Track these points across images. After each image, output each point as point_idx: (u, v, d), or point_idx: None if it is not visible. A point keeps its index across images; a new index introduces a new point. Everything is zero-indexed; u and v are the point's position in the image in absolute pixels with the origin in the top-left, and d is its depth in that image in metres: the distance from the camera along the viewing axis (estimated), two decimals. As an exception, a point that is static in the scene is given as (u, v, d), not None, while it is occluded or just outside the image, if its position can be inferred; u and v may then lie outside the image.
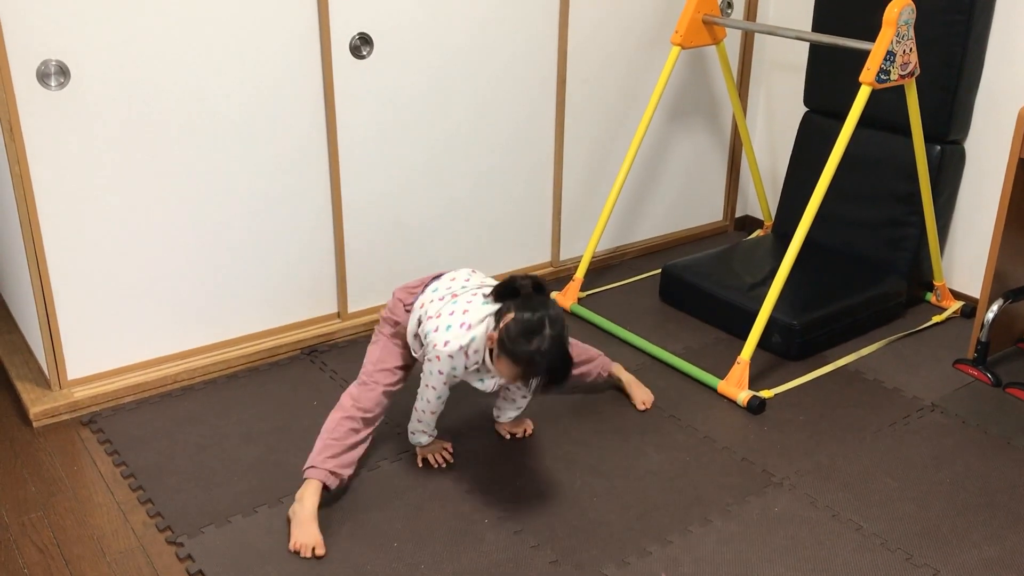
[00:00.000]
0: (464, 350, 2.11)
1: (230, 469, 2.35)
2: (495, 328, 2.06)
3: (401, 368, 2.34)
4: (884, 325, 3.09)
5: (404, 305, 2.31)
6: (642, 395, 2.66)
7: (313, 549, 2.05)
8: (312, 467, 2.17)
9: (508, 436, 2.49)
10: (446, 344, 2.11)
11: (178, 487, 2.29)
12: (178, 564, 2.05)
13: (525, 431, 2.50)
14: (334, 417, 2.26)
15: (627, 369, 2.73)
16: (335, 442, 2.21)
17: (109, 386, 2.62)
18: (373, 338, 2.39)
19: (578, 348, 2.58)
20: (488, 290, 2.19)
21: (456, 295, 2.20)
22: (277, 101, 2.66)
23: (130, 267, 2.59)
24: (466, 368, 2.16)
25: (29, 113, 2.32)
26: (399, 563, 2.04)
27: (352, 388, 2.32)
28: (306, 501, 2.12)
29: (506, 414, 2.47)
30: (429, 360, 2.17)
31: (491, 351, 2.09)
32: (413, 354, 2.32)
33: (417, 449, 2.38)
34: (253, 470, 2.35)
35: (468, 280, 2.28)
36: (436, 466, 2.35)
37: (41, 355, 2.61)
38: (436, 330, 2.14)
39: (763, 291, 2.81)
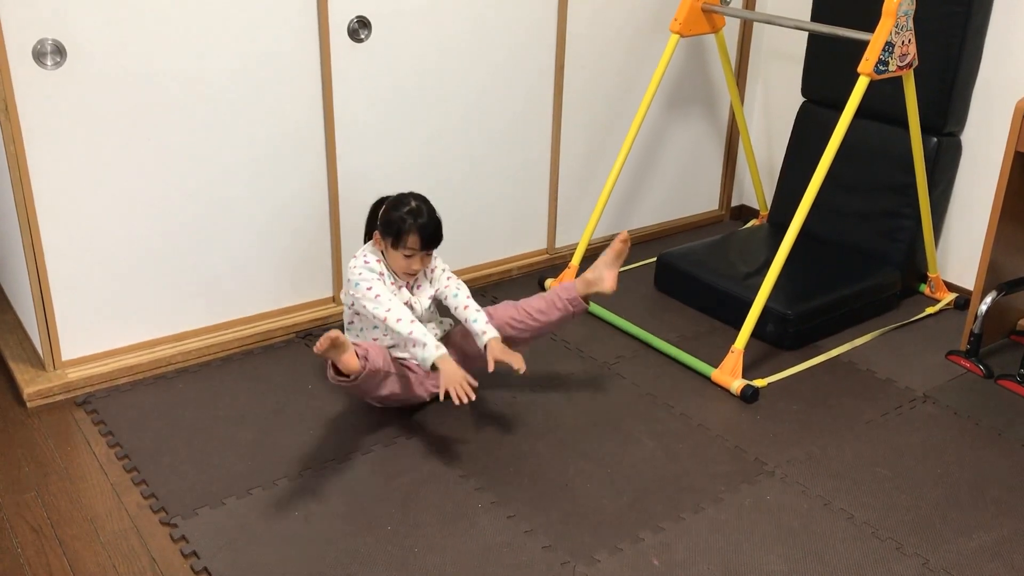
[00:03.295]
0: (365, 258, 2.42)
1: (224, 451, 2.36)
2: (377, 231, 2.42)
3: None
4: (878, 316, 3.10)
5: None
6: (609, 275, 2.50)
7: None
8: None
9: (493, 367, 2.33)
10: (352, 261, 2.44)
11: (172, 468, 2.29)
12: (172, 545, 2.05)
13: (516, 366, 2.33)
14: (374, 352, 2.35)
15: (624, 357, 2.73)
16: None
17: (104, 367, 2.62)
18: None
19: (534, 300, 2.51)
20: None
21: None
22: (274, 83, 2.65)
23: (125, 248, 2.58)
24: (382, 275, 2.40)
25: (25, 92, 2.30)
26: (392, 546, 2.05)
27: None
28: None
29: (476, 330, 2.40)
30: (354, 285, 2.40)
31: (383, 253, 2.43)
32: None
33: (439, 380, 2.26)
34: (247, 452, 2.35)
35: None
36: (458, 403, 2.21)
37: (36, 336, 2.61)
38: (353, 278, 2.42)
39: (758, 280, 2.81)
